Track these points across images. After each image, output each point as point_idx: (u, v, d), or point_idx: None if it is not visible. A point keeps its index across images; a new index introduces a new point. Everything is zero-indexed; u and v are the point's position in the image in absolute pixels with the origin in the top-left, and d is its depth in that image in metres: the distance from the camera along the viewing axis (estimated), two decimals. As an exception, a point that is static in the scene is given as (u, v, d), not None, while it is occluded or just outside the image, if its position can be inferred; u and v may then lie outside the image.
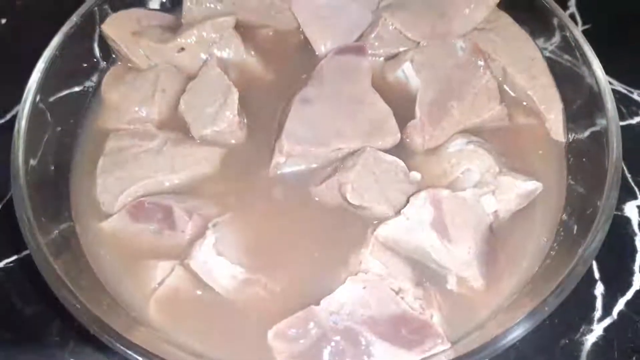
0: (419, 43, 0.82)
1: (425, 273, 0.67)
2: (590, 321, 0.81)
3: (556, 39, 0.82)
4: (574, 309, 0.81)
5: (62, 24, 0.79)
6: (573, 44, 0.78)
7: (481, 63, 0.78)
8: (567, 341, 0.80)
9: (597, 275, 0.84)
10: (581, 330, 0.81)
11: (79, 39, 0.81)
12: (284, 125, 0.74)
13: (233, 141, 0.78)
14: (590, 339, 0.80)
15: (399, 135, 0.75)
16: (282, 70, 0.84)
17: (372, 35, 0.83)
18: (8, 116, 0.99)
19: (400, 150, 0.75)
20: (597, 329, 0.81)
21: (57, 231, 0.69)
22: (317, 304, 0.63)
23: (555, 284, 0.62)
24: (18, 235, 0.65)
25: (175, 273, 0.68)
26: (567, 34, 0.79)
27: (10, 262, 0.87)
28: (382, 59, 0.84)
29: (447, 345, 0.62)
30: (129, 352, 0.57)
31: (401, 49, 0.83)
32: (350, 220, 0.71)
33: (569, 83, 0.80)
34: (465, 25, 0.82)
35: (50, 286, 0.62)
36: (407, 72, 0.79)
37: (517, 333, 0.60)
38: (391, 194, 0.70)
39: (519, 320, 0.60)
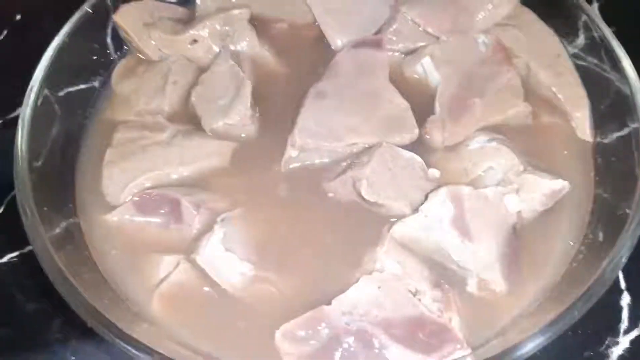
0: (438, 38, 0.79)
1: (444, 275, 0.64)
2: (616, 333, 0.78)
3: (583, 36, 0.79)
4: (598, 320, 0.77)
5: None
6: (601, 42, 0.75)
7: (504, 59, 0.75)
8: (591, 353, 0.76)
9: (623, 285, 0.80)
10: (606, 342, 0.77)
11: (91, 29, 0.80)
12: (297, 119, 0.72)
13: (244, 135, 0.75)
14: (615, 352, 0.76)
15: (417, 131, 0.72)
16: (296, 64, 0.82)
17: (390, 30, 0.80)
18: (18, 110, 0.97)
19: (418, 146, 0.72)
20: (624, 342, 0.77)
21: (59, 223, 0.67)
22: (329, 303, 0.60)
23: (582, 290, 0.59)
24: (23, 230, 0.63)
25: (181, 268, 0.65)
26: (595, 33, 0.76)
27: (14, 257, 0.85)
28: (399, 54, 0.81)
29: (467, 351, 0.58)
30: (128, 348, 0.54)
31: (420, 44, 0.80)
32: (364, 218, 0.68)
33: (596, 83, 0.77)
34: (487, 20, 0.80)
35: (48, 276, 0.59)
36: (427, 67, 0.77)
37: (540, 340, 0.56)
38: (408, 191, 0.67)
39: (543, 326, 0.57)
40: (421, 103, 0.75)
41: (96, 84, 0.82)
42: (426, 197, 0.65)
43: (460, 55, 0.76)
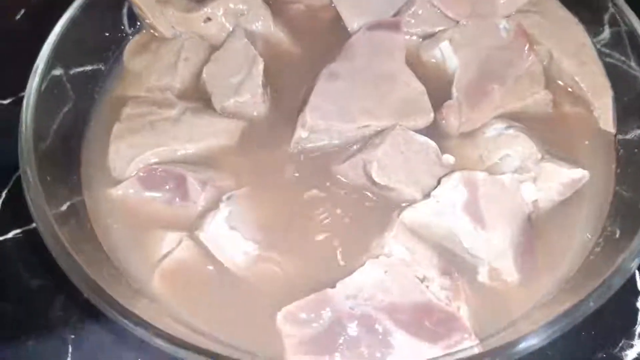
0: (458, 22, 0.77)
1: (454, 262, 0.62)
2: (630, 336, 0.75)
3: (608, 31, 0.76)
4: (613, 321, 0.75)
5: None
6: (628, 36, 0.72)
7: (525, 45, 0.73)
8: (604, 355, 0.73)
9: (639, 286, 0.77)
10: (620, 344, 0.74)
11: (105, 5, 0.79)
12: (308, 99, 0.70)
13: (255, 113, 0.74)
14: (630, 355, 0.73)
15: (432, 115, 0.70)
16: (311, 46, 0.80)
17: (409, 12, 0.78)
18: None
19: (433, 132, 0.70)
20: (638, 344, 0.74)
21: (64, 197, 0.66)
22: (333, 286, 0.58)
23: (597, 283, 0.56)
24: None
25: (184, 245, 0.63)
26: (622, 26, 0.73)
27: (19, 233, 0.84)
28: (416, 37, 0.79)
29: (475, 342, 0.56)
30: (126, 322, 0.52)
31: (439, 29, 0.78)
32: (373, 202, 0.67)
33: (620, 79, 0.74)
34: (509, 5, 0.77)
35: (50, 250, 0.58)
36: (445, 52, 0.75)
37: (550, 333, 0.53)
38: (421, 177, 0.65)
39: (554, 318, 0.54)
40: (438, 88, 0.73)
41: (108, 58, 0.81)
42: (439, 182, 0.62)
43: (480, 40, 0.74)
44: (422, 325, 0.56)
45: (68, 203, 0.67)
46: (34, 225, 0.81)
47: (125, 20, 0.83)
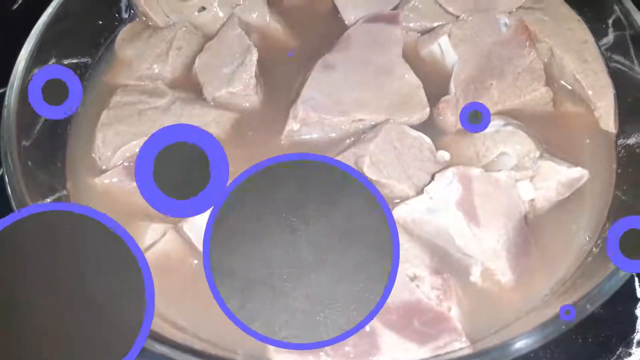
0: (457, 17, 0.75)
1: (446, 262, 0.60)
2: (629, 344, 0.72)
3: (612, 35, 0.74)
4: (611, 329, 0.72)
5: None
6: (632, 39, 0.70)
7: (526, 41, 0.71)
8: (601, 363, 0.71)
9: (639, 293, 0.75)
10: (618, 352, 0.72)
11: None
12: (301, 90, 0.68)
13: (247, 105, 0.72)
14: (628, 363, 0.71)
15: (428, 109, 0.68)
16: (307, 38, 0.79)
17: (408, 6, 0.76)
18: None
19: (428, 127, 0.68)
20: (637, 353, 0.71)
21: (44, 182, 0.64)
22: (320, 282, 0.56)
23: (593, 285, 0.54)
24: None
25: (168, 237, 0.62)
26: (627, 31, 0.71)
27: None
28: (415, 33, 0.77)
29: (465, 344, 0.54)
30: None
31: (438, 24, 0.76)
32: (365, 198, 0.64)
33: (621, 84, 0.72)
34: (511, 1, 0.75)
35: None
36: (444, 47, 0.73)
37: (544, 334, 0.51)
38: (414, 173, 0.63)
39: (545, 321, 0.52)
40: (436, 84, 0.71)
41: (99, 44, 0.79)
42: (432, 178, 0.60)
43: (480, 35, 0.72)
44: (410, 326, 0.54)
45: (50, 190, 0.65)
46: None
47: (118, 8, 0.82)
